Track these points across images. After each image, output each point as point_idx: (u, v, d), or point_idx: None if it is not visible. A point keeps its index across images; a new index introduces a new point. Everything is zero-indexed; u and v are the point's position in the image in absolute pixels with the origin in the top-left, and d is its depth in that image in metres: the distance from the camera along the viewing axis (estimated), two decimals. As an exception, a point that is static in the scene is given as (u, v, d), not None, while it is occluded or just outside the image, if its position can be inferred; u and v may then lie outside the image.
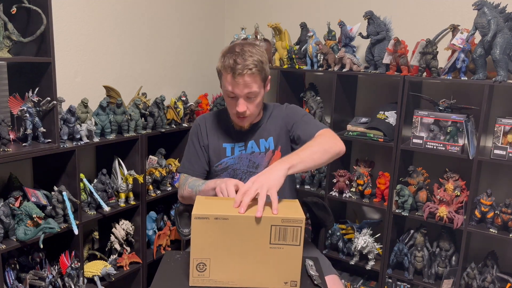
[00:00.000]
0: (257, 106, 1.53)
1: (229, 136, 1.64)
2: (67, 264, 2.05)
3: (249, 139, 1.63)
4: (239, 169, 1.63)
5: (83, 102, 2.17)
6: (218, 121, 1.68)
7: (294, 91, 2.87)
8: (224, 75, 1.47)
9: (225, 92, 1.50)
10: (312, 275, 1.27)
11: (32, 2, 1.84)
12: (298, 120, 1.60)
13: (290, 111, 1.65)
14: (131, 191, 2.37)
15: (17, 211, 1.86)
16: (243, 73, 1.42)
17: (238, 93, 1.47)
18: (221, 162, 1.63)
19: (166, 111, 2.56)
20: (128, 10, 2.55)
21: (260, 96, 1.52)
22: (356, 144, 2.84)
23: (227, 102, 1.54)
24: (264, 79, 1.51)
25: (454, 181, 2.36)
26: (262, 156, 1.63)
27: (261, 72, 1.47)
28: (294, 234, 1.15)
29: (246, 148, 1.63)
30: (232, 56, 1.44)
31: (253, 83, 1.46)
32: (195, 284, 1.19)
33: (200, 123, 1.68)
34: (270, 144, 1.63)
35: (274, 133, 1.63)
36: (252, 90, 1.46)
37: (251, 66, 1.43)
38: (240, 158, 1.63)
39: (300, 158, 1.33)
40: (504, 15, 2.08)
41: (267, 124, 1.64)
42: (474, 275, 2.29)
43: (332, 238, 2.70)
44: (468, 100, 2.40)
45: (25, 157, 1.87)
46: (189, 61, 3.03)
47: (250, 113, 1.52)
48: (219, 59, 1.50)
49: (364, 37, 2.49)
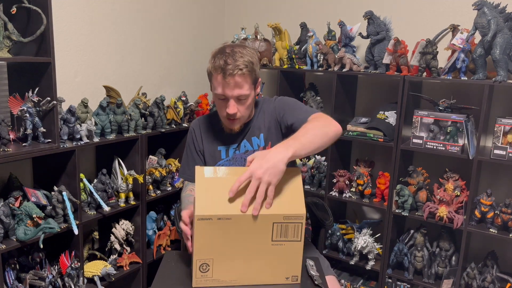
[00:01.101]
0: (248, 108, 1.52)
1: (223, 138, 1.64)
2: (67, 264, 2.05)
3: (242, 138, 1.62)
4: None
5: (83, 102, 2.17)
6: (212, 124, 1.67)
7: (294, 91, 2.87)
8: (214, 76, 1.46)
9: (215, 94, 1.49)
10: (313, 275, 1.27)
11: (32, 2, 1.84)
12: (288, 109, 1.55)
13: (278, 103, 1.61)
14: (131, 191, 2.37)
15: (17, 211, 1.85)
16: (233, 73, 1.41)
17: (228, 94, 1.45)
18: (217, 164, 1.63)
19: (166, 111, 2.56)
20: (128, 10, 2.55)
21: (251, 98, 1.50)
22: (356, 144, 2.84)
23: (217, 104, 1.53)
24: (254, 81, 1.50)
25: (454, 181, 2.36)
26: None
27: (252, 73, 1.46)
28: (295, 230, 1.16)
29: (239, 148, 1.62)
30: (223, 57, 1.43)
31: (244, 83, 1.45)
32: (198, 285, 1.19)
33: (194, 128, 1.68)
34: (261, 140, 1.61)
35: (264, 129, 1.61)
36: (242, 93, 1.45)
37: (242, 67, 1.42)
38: (235, 158, 1.62)
39: (301, 143, 1.23)
40: (504, 15, 2.08)
41: (257, 120, 1.62)
42: (474, 275, 2.29)
43: (332, 238, 2.70)
44: (468, 100, 2.40)
45: (25, 157, 1.87)
46: (189, 61, 3.03)
47: (241, 115, 1.51)
48: (209, 61, 1.49)
49: (364, 37, 2.49)
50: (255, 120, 1.63)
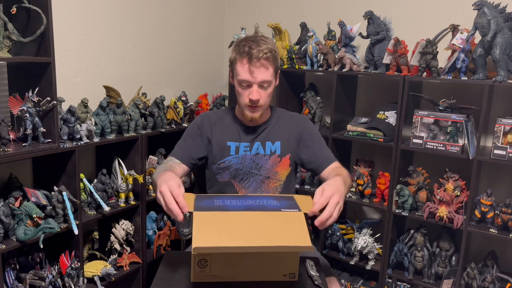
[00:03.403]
0: (269, 96, 1.55)
1: (235, 134, 1.63)
2: (67, 264, 2.05)
3: (255, 140, 1.63)
4: (241, 169, 1.62)
5: (83, 102, 2.17)
6: (223, 118, 1.67)
7: (294, 91, 2.87)
8: (239, 61, 1.49)
9: (239, 81, 1.51)
10: (313, 275, 1.28)
11: (32, 2, 1.84)
12: (314, 143, 1.66)
13: (309, 127, 1.69)
14: (131, 191, 2.37)
15: (17, 211, 1.85)
16: (259, 56, 1.46)
17: (252, 80, 1.48)
18: (224, 160, 1.62)
19: (166, 111, 2.56)
20: (128, 10, 2.55)
21: (272, 86, 1.54)
22: (356, 144, 2.84)
23: (240, 92, 1.54)
24: (276, 70, 1.54)
25: (454, 181, 2.36)
26: (267, 159, 1.62)
27: (275, 61, 1.52)
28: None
29: (252, 149, 1.62)
30: (247, 43, 1.49)
31: (269, 68, 1.49)
32: (196, 280, 1.20)
33: (203, 118, 1.68)
34: (277, 148, 1.63)
35: (282, 138, 1.64)
36: (266, 78, 1.49)
37: (266, 51, 1.47)
38: (244, 158, 1.62)
39: (346, 189, 1.40)
40: (504, 15, 2.08)
41: (275, 127, 1.65)
42: (474, 275, 2.29)
43: (332, 238, 2.70)
44: (468, 100, 2.40)
45: (25, 157, 1.87)
46: (189, 61, 3.03)
47: (263, 102, 1.53)
48: (232, 50, 1.54)
49: (364, 37, 2.49)
50: (271, 126, 1.65)
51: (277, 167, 1.64)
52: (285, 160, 1.64)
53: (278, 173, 1.65)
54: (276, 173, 1.64)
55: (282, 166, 1.64)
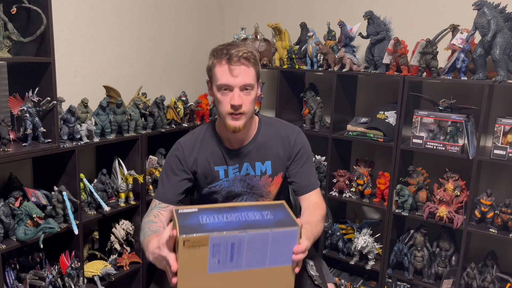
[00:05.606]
0: (252, 103, 1.44)
1: (221, 158, 1.54)
2: (67, 264, 2.05)
3: (244, 161, 1.55)
4: (233, 190, 1.57)
5: (83, 102, 2.17)
6: (205, 142, 1.56)
7: (294, 91, 2.87)
8: (218, 64, 1.40)
9: (218, 86, 1.41)
10: (313, 275, 1.28)
11: (32, 2, 1.84)
12: (301, 161, 1.56)
13: (300, 141, 1.58)
14: (131, 191, 2.37)
15: (17, 211, 1.85)
16: (239, 55, 1.36)
17: (233, 81, 1.38)
18: (215, 184, 1.56)
19: (166, 111, 2.56)
20: (128, 10, 2.55)
21: (255, 92, 1.44)
22: (356, 144, 2.84)
23: (220, 99, 1.42)
24: (257, 74, 1.44)
25: (454, 181, 2.36)
26: (258, 179, 1.57)
27: (256, 65, 1.42)
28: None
29: (241, 170, 1.55)
30: (225, 47, 1.40)
31: (249, 71, 1.40)
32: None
33: (184, 148, 1.54)
34: (268, 168, 1.56)
35: (272, 157, 1.56)
36: (247, 81, 1.39)
37: (246, 51, 1.38)
38: (234, 180, 1.56)
39: (313, 236, 1.35)
40: (504, 15, 2.08)
41: (264, 144, 1.56)
42: (474, 275, 2.29)
43: (332, 238, 2.70)
44: (468, 100, 2.40)
45: (25, 157, 1.87)
46: (189, 61, 3.03)
47: (246, 109, 1.41)
48: (210, 57, 1.44)
49: (364, 37, 2.49)
50: (260, 144, 1.55)
51: (269, 187, 1.59)
52: (277, 179, 1.58)
53: (271, 193, 1.61)
54: (269, 193, 1.60)
55: (275, 185, 1.59)
